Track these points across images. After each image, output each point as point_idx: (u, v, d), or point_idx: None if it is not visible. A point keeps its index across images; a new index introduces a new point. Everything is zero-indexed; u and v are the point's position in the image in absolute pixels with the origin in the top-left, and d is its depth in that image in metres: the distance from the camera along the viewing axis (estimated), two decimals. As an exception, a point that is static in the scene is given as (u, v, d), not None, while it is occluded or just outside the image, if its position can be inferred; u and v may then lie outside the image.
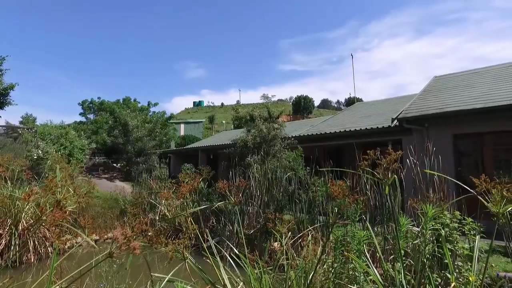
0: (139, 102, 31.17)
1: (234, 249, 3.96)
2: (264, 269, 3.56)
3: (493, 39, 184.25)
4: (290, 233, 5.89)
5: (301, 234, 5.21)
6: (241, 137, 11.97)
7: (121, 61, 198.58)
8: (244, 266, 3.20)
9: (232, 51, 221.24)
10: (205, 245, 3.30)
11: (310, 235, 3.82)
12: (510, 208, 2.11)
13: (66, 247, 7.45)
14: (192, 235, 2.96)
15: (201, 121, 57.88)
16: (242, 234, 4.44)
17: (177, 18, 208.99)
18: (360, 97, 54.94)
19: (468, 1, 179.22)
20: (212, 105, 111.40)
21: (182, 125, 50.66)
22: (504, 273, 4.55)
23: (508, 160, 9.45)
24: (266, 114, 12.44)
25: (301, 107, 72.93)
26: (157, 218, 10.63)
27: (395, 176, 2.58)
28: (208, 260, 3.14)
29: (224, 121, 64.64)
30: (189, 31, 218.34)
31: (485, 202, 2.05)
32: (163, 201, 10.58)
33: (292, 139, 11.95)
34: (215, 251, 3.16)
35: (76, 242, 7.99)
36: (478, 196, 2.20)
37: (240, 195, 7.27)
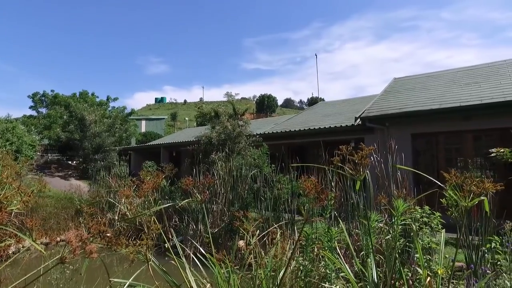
0: (97, 97, 29.61)
1: (200, 248, 3.79)
2: (232, 268, 3.43)
3: (442, 47, 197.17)
4: (258, 231, 5.79)
5: (266, 231, 5.14)
6: (205, 134, 11.72)
7: (78, 54, 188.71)
8: (211, 266, 3.05)
9: (196, 47, 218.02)
10: (168, 245, 3.11)
11: (279, 233, 3.74)
12: (475, 202, 2.15)
13: (10, 252, 6.81)
14: (155, 235, 2.76)
15: (163, 118, 56.44)
16: (207, 233, 4.28)
17: (137, 10, 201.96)
18: (322, 97, 56.31)
19: (421, 11, 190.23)
20: (174, 101, 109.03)
21: (144, 122, 49.07)
22: (460, 264, 4.77)
23: (459, 158, 10.04)
24: (231, 111, 12.26)
25: (265, 105, 73.50)
26: (117, 218, 10.12)
27: (367, 171, 2.56)
28: (172, 262, 2.96)
29: (187, 118, 63.50)
30: (151, 25, 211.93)
31: (455, 197, 2.06)
32: (123, 200, 10.09)
33: (257, 136, 11.89)
34: (180, 251, 2.98)
35: (22, 247, 7.34)
36: (449, 191, 2.22)
37: (206, 192, 7.08)
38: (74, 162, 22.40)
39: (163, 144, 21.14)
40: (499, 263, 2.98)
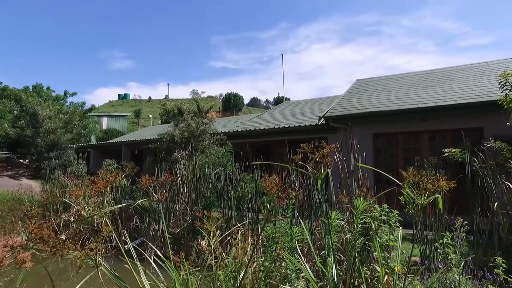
0: (53, 91, 27.88)
1: (158, 251, 3.62)
2: (191, 271, 3.29)
3: (402, 52, 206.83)
4: (218, 231, 5.67)
5: (229, 231, 5.03)
6: (168, 131, 11.39)
7: (32, 44, 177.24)
8: (168, 269, 2.91)
9: (163, 43, 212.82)
10: (123, 248, 2.92)
11: (239, 233, 3.65)
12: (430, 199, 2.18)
13: None
14: (112, 237, 2.57)
15: (127, 115, 54.47)
16: (168, 233, 4.10)
17: (99, 1, 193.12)
18: (288, 97, 57.05)
19: (383, 16, 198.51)
20: (139, 98, 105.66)
21: (105, 119, 47.12)
22: (415, 258, 4.94)
23: (416, 157, 10.50)
24: (195, 109, 12.01)
25: (231, 104, 73.22)
26: (72, 219, 9.56)
27: (328, 170, 2.53)
28: (153, 264, 2.79)
29: (151, 115, 61.80)
30: (114, 17, 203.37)
31: (412, 195, 2.08)
32: (80, 200, 9.56)
33: (222, 134, 11.75)
34: (133, 254, 2.81)
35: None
36: (406, 190, 2.24)
37: (165, 191, 6.83)
38: (26, 160, 20.96)
39: (124, 142, 20.37)
40: (449, 257, 3.10)
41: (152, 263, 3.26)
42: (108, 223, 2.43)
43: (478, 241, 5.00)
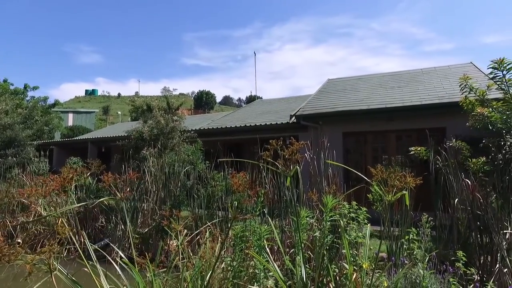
0: (11, 84, 26.31)
1: (124, 252, 3.44)
2: (156, 272, 3.16)
3: (371, 54, 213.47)
4: (186, 230, 5.53)
5: (198, 230, 4.92)
6: (136, 128, 11.03)
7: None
8: (131, 271, 2.76)
9: (133, 38, 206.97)
10: (92, 248, 2.75)
11: (208, 232, 3.55)
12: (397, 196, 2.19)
13: None
14: (73, 238, 2.39)
15: (94, 111, 52.43)
16: (136, 233, 3.93)
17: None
18: (260, 96, 57.28)
19: (354, 19, 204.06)
20: (107, 95, 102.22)
21: (71, 115, 45.16)
22: (382, 254, 5.05)
23: (384, 156, 10.79)
24: (165, 105, 11.71)
25: (203, 102, 72.55)
26: (30, 220, 9.03)
27: (297, 167, 2.49)
28: (100, 267, 2.62)
29: (119, 112, 59.95)
30: (80, 7, 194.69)
31: (380, 192, 2.08)
32: (40, 201, 9.04)
33: (192, 132, 11.55)
34: (94, 256, 2.64)
35: None
36: (374, 187, 2.24)
37: (129, 189, 6.60)
38: (-19, 158, 19.65)
39: (91, 139, 19.60)
40: (415, 252, 3.17)
41: (115, 265, 3.09)
42: (65, 224, 2.26)
43: (440, 236, 5.17)
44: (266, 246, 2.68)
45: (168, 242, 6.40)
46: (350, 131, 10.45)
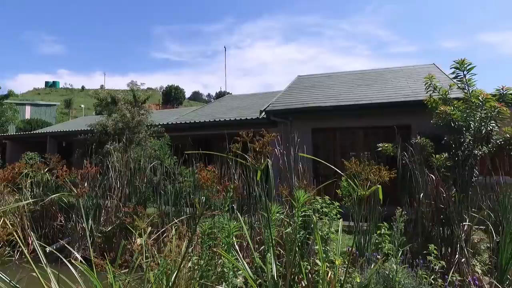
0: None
1: (76, 253, 3.20)
2: (117, 273, 2.95)
3: (340, 54, 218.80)
4: (150, 228, 5.30)
5: (164, 228, 4.71)
6: (100, 121, 10.50)
7: None
8: (87, 273, 2.54)
9: (100, 29, 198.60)
10: (48, 250, 2.49)
11: (174, 229, 3.37)
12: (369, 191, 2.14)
13: None
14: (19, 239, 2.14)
15: (55, 104, 49.73)
16: (99, 232, 3.67)
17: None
18: (230, 92, 56.84)
19: (324, 19, 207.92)
20: (70, 87, 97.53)
21: (28, 107, 42.58)
22: (348, 248, 5.08)
23: (352, 152, 10.99)
24: (131, 98, 11.24)
25: (172, 97, 71.11)
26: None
27: (268, 160, 2.38)
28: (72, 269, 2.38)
29: (83, 106, 57.40)
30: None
31: (354, 186, 2.01)
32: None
33: (160, 126, 11.19)
34: (43, 259, 2.39)
35: None
36: (344, 182, 2.17)
37: (86, 184, 6.23)
38: None
39: (50, 133, 18.55)
40: (386, 247, 3.18)
41: (71, 267, 2.85)
42: (8, 223, 2.01)
43: (406, 229, 5.30)
44: (235, 244, 2.55)
45: (133, 240, 6.12)
46: (320, 127, 10.54)
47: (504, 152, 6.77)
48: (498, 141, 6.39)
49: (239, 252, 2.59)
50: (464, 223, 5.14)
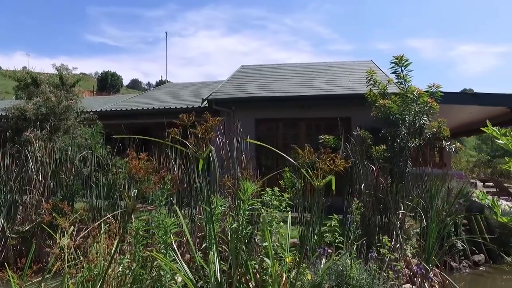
0: None
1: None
2: (29, 282, 2.47)
3: (284, 48, 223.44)
4: (79, 225, 4.73)
5: (95, 224, 4.19)
6: (17, 105, 9.21)
7: None
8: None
9: (22, 3, 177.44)
10: None
11: (103, 228, 2.94)
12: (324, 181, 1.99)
13: None
14: None
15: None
16: (14, 232, 3.08)
17: None
18: (171, 81, 54.79)
19: (268, 13, 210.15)
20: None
21: None
22: (293, 240, 5.03)
23: (294, 144, 11.11)
24: (57, 81, 10.06)
25: (108, 84, 66.64)
26: None
27: (211, 147, 2.10)
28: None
29: None
30: None
31: (309, 177, 1.83)
32: None
33: (92, 114, 10.21)
34: None
35: None
36: (302, 171, 1.99)
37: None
38: None
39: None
40: (336, 240, 3.11)
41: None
42: None
43: (346, 219, 5.40)
44: (173, 242, 2.25)
45: (58, 241, 5.43)
46: (263, 117, 10.46)
47: (431, 145, 7.31)
48: (427, 135, 6.84)
49: (178, 251, 2.29)
50: (399, 211, 5.39)
